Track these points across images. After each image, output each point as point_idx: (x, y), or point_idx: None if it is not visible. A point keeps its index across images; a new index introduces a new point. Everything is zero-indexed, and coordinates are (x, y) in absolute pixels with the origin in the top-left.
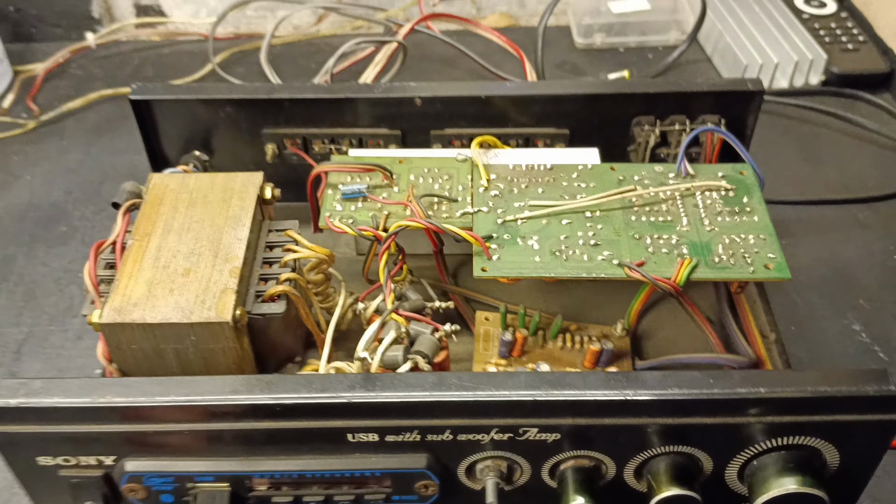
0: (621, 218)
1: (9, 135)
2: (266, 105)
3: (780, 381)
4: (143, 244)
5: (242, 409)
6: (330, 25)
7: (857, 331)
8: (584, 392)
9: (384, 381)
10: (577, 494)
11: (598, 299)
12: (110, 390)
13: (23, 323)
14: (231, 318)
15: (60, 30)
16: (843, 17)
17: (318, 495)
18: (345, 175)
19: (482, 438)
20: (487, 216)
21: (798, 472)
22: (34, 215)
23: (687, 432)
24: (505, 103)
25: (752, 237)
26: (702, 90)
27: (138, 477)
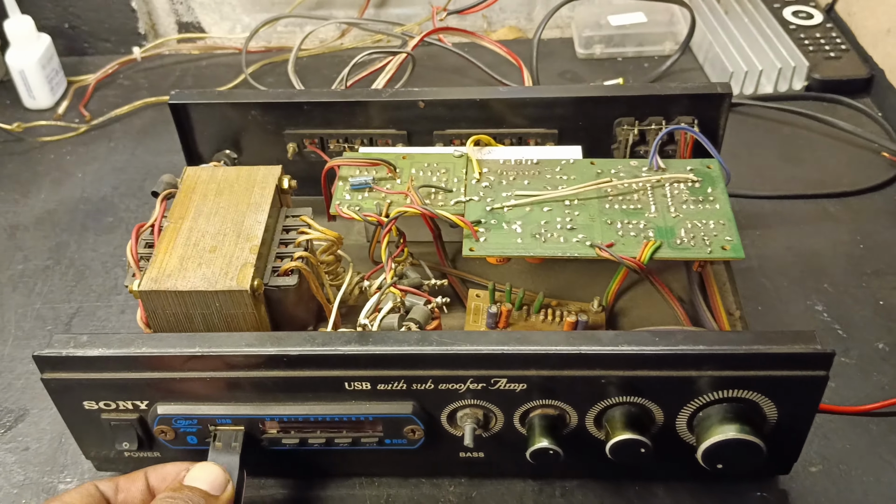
0: (596, 206)
1: (63, 137)
2: (288, 108)
3: (718, 339)
4: (177, 226)
5: (256, 359)
6: (352, 39)
7: (819, 311)
8: (546, 347)
9: (376, 337)
10: (543, 437)
11: (580, 282)
12: (145, 343)
13: (73, 300)
14: (249, 287)
15: (110, 44)
16: (827, 28)
17: (320, 438)
18: (354, 169)
19: (460, 388)
20: (478, 204)
21: (738, 422)
22: (85, 207)
23: (638, 384)
24: (500, 106)
25: (712, 223)
26: (676, 93)
27: (168, 419)
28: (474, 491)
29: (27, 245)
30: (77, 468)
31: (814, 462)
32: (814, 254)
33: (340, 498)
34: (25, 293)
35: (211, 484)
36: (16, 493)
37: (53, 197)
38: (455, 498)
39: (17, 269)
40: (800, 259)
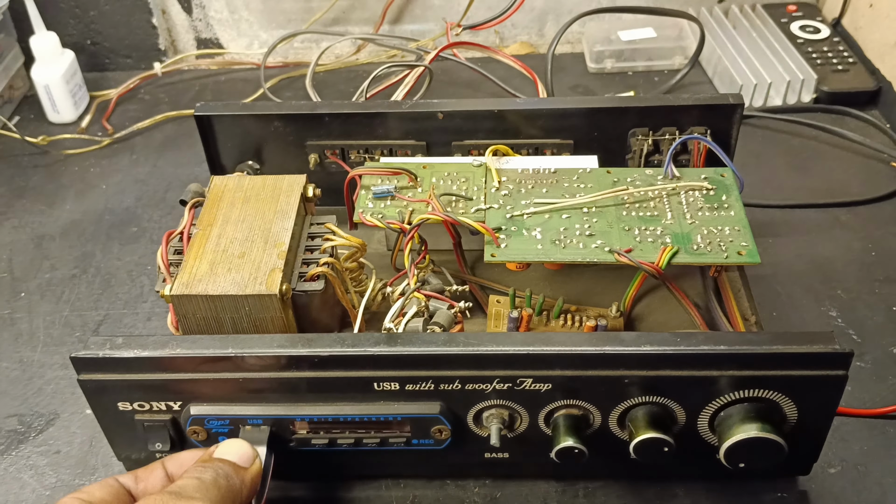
0: (614, 213)
1: (87, 150)
2: (310, 119)
3: (738, 340)
4: (206, 233)
5: (287, 361)
6: (367, 54)
7: (833, 316)
8: (570, 348)
9: (404, 338)
10: (567, 437)
11: (598, 288)
12: (180, 345)
13: (100, 307)
14: (278, 291)
15: (131, 60)
16: (835, 41)
17: (349, 438)
18: (376, 178)
19: (486, 388)
20: (498, 212)
21: (758, 421)
22: (109, 218)
23: (660, 384)
24: (516, 117)
25: (728, 229)
26: (689, 104)
27: (200, 420)
28: (498, 492)
29: (54, 254)
30: (108, 470)
31: (832, 463)
32: (826, 261)
33: (367, 499)
34: (53, 301)
35: (239, 456)
36: (48, 496)
37: (78, 208)
38: (480, 499)
39: (45, 278)
40: (812, 266)
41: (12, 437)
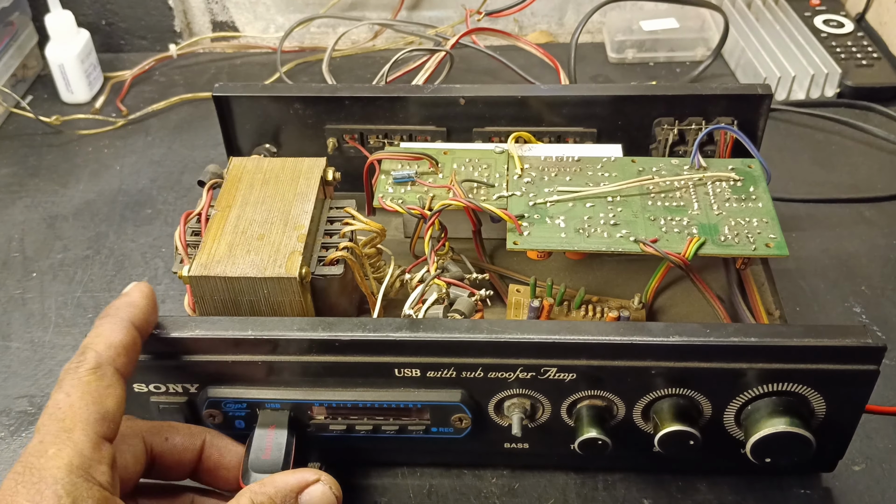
0: (639, 202)
1: (101, 131)
2: (330, 102)
3: (769, 332)
4: (224, 214)
5: (307, 344)
6: (384, 41)
7: (857, 312)
8: (596, 337)
9: (426, 324)
10: (591, 428)
11: (619, 279)
12: (199, 326)
13: (113, 289)
14: (298, 274)
15: (146, 42)
16: (859, 36)
17: (367, 425)
18: (396, 163)
19: (509, 377)
20: (520, 199)
21: (787, 415)
22: (123, 199)
23: (687, 376)
24: (539, 104)
25: (755, 220)
26: (716, 94)
27: (217, 403)
28: (517, 483)
29: (67, 235)
30: None
31: (856, 461)
32: (850, 257)
33: (383, 487)
34: (66, 282)
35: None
36: None
37: (92, 188)
38: (497, 489)
39: (57, 259)
40: (836, 261)
41: (22, 419)
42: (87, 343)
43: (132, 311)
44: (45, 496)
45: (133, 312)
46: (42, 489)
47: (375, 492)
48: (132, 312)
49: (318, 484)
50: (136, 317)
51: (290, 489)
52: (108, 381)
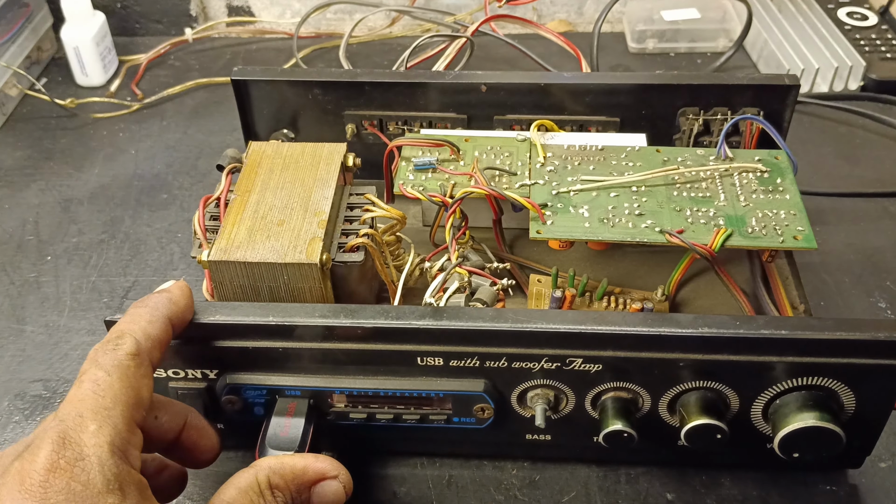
0: (664, 193)
1: (116, 114)
2: (349, 88)
3: (800, 325)
4: (243, 199)
5: (329, 331)
6: (401, 28)
7: (882, 308)
8: (622, 327)
9: (450, 312)
10: (616, 420)
11: (641, 270)
12: (219, 311)
13: (129, 273)
14: (318, 261)
15: (161, 26)
16: (883, 29)
17: (388, 414)
18: (416, 150)
19: (533, 367)
20: (543, 188)
21: (816, 409)
22: (139, 184)
23: (715, 369)
24: (562, 92)
25: (783, 212)
26: (742, 83)
27: (237, 389)
28: (538, 475)
29: (82, 218)
30: None
31: (883, 458)
32: (875, 251)
33: (402, 476)
34: (81, 266)
35: None
36: None
37: (107, 172)
38: (518, 481)
39: (72, 242)
40: (861, 256)
41: (37, 402)
42: (123, 328)
43: (172, 309)
44: (91, 478)
45: (173, 310)
46: (88, 469)
47: (394, 481)
48: (172, 310)
49: (335, 481)
50: (174, 314)
51: (307, 479)
52: (143, 369)
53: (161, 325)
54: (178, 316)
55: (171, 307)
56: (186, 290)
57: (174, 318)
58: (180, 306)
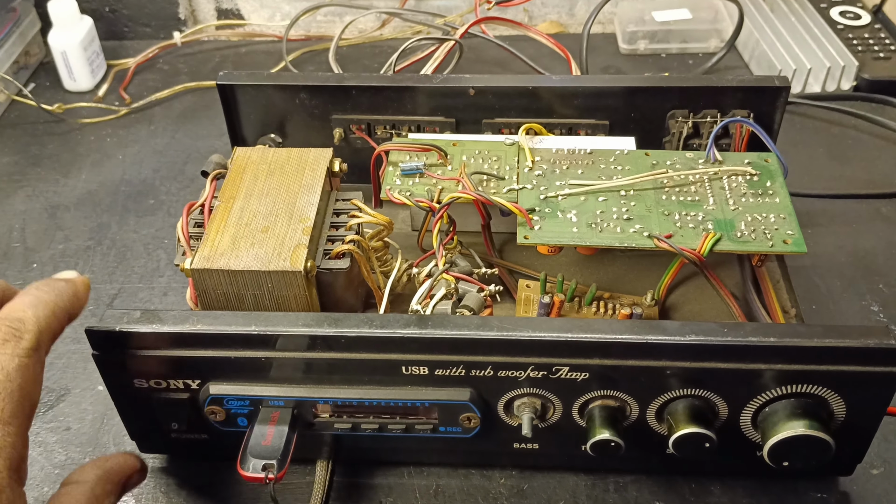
0: (653, 197)
1: (103, 119)
2: (336, 92)
3: (789, 332)
4: (228, 205)
5: (313, 340)
6: (392, 30)
7: (874, 311)
8: (609, 335)
9: (435, 321)
10: (603, 429)
11: (630, 275)
12: (201, 320)
13: (115, 280)
14: (303, 268)
15: (150, 29)
16: (876, 28)
17: (373, 424)
18: (404, 154)
19: (519, 375)
20: (531, 192)
21: (806, 417)
22: (126, 189)
23: (703, 377)
24: (550, 95)
25: (773, 216)
26: (732, 86)
27: (220, 399)
28: (525, 484)
29: (68, 225)
30: (120, 449)
31: (875, 465)
32: (867, 254)
33: (388, 486)
34: None
35: None
36: (57, 473)
37: (94, 178)
38: (506, 490)
39: (59, 249)
40: (853, 259)
41: None
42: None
43: (75, 305)
44: None
45: (75, 306)
46: None
47: (381, 491)
48: (74, 305)
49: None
50: (73, 312)
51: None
52: (40, 367)
53: (61, 319)
54: (75, 314)
55: (74, 302)
56: (88, 288)
57: (72, 314)
58: (81, 304)
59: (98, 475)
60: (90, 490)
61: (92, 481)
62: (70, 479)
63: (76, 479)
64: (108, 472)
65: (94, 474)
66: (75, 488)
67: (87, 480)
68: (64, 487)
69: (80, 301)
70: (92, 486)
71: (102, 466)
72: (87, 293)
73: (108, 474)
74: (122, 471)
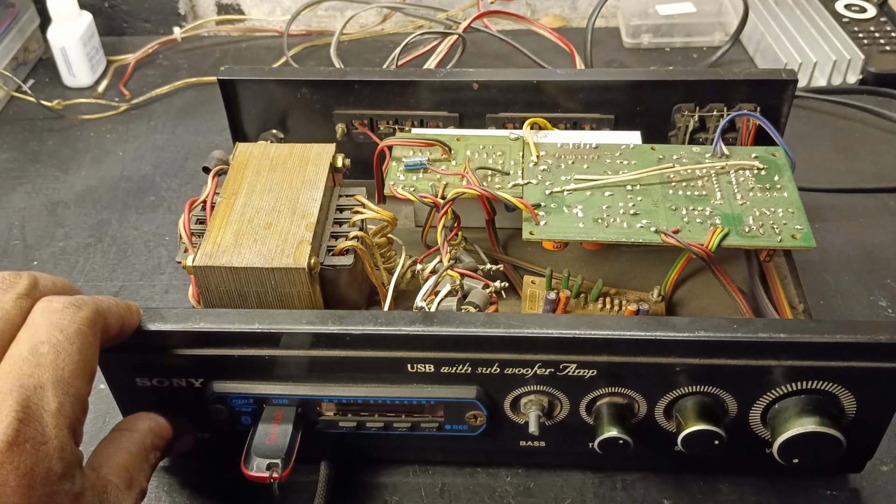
0: (659, 191)
1: (103, 115)
2: (338, 87)
3: (799, 328)
4: (230, 202)
5: (317, 338)
6: (393, 24)
7: (883, 307)
8: (617, 332)
9: (441, 318)
10: (611, 426)
11: (637, 271)
12: (204, 318)
13: (115, 278)
14: (306, 265)
15: (149, 24)
16: (881, 21)
17: (378, 422)
18: (407, 149)
19: (526, 373)
20: (536, 187)
21: (816, 414)
22: (126, 186)
23: (713, 373)
24: (555, 89)
25: (781, 211)
26: (738, 79)
27: (223, 398)
28: (532, 482)
29: (68, 222)
30: None
31: (884, 461)
32: (875, 248)
33: (394, 485)
34: (67, 270)
35: None
36: None
37: (94, 175)
38: (512, 489)
39: (59, 246)
40: (861, 253)
41: None
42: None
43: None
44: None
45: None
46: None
47: (386, 490)
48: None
49: None
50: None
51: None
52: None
53: (116, 321)
54: (128, 327)
55: (127, 314)
56: (139, 313)
57: (125, 326)
58: (134, 319)
59: (150, 426)
60: (140, 439)
61: (143, 431)
62: (122, 426)
63: (128, 426)
64: (159, 425)
65: (147, 425)
66: (127, 435)
67: (139, 429)
68: (115, 432)
69: (133, 316)
70: (143, 436)
71: (154, 419)
72: (139, 314)
73: (159, 427)
74: (173, 428)
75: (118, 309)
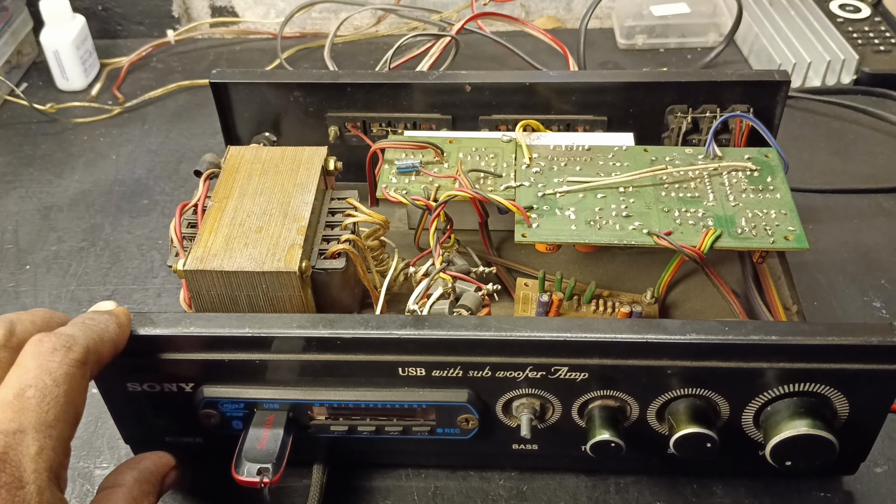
0: (652, 193)
1: (97, 119)
2: (331, 89)
3: (791, 330)
4: (221, 205)
5: (308, 342)
6: (388, 26)
7: (877, 307)
8: (609, 335)
9: (432, 321)
10: (603, 430)
11: (630, 272)
12: (194, 323)
13: (108, 282)
14: (298, 268)
15: (143, 27)
16: (876, 21)
17: (370, 426)
18: (400, 152)
19: (518, 376)
20: (529, 190)
21: (809, 416)
22: (119, 189)
23: (705, 376)
24: (548, 91)
25: (773, 212)
26: (731, 80)
27: (214, 403)
28: (525, 485)
29: (61, 226)
30: (114, 453)
31: (878, 463)
32: (869, 249)
33: (386, 489)
34: (60, 274)
35: None
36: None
37: (87, 178)
38: (505, 492)
39: (52, 250)
40: (855, 254)
41: None
42: (75, 333)
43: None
44: None
45: (119, 336)
46: (27, 500)
47: (378, 494)
48: (118, 335)
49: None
50: (119, 342)
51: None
52: (85, 383)
53: (108, 348)
54: (121, 345)
55: (119, 334)
56: (129, 319)
57: (118, 345)
58: (125, 335)
59: (135, 477)
60: (128, 492)
61: (129, 483)
62: (107, 483)
63: (113, 482)
64: (144, 473)
65: (132, 476)
66: (113, 493)
67: (125, 483)
68: (102, 492)
69: (124, 333)
70: (130, 488)
71: (137, 467)
72: (129, 324)
73: (144, 474)
74: (158, 470)
75: (110, 335)
